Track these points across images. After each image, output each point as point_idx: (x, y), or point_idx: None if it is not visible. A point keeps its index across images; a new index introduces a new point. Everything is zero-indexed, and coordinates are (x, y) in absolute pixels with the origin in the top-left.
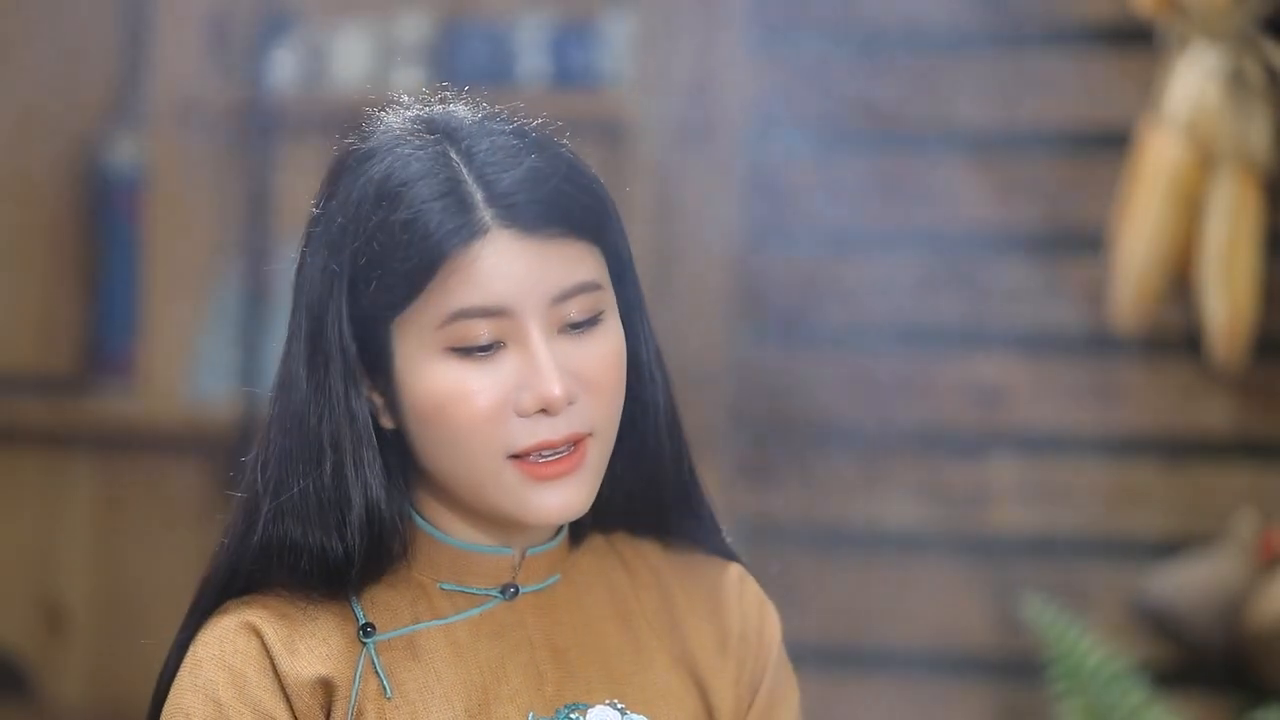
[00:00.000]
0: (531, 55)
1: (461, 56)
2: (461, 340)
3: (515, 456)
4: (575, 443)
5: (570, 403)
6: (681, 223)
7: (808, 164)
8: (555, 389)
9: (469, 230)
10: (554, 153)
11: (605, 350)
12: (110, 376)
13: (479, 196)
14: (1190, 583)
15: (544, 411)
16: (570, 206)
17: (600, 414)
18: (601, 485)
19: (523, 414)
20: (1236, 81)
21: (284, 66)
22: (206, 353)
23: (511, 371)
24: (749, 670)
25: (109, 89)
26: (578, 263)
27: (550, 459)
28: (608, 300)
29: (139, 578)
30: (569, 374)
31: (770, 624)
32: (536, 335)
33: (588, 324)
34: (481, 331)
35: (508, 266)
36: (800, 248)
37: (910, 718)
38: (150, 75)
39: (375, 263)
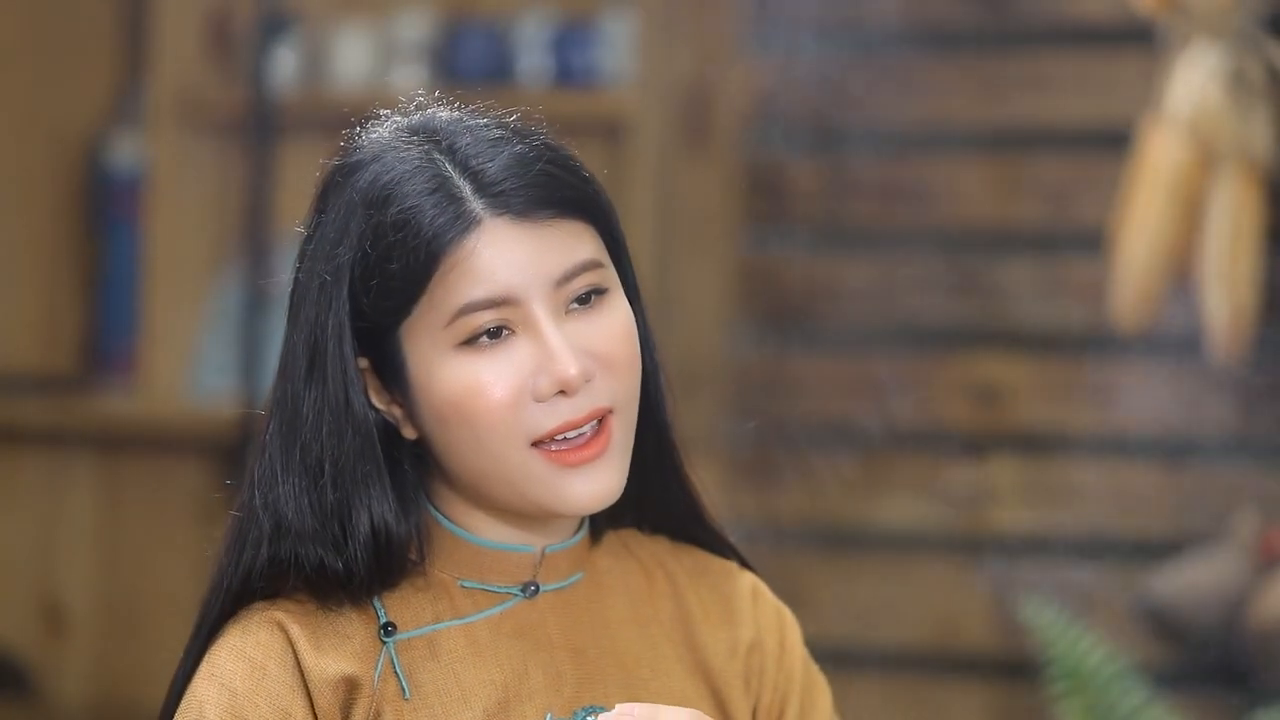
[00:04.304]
0: (532, 54)
1: (462, 56)
2: (470, 334)
3: (539, 444)
4: (599, 420)
5: (587, 380)
6: (681, 223)
7: (807, 164)
8: (570, 369)
9: (462, 223)
10: (535, 139)
11: (615, 324)
12: (111, 376)
13: (467, 189)
14: (1191, 583)
15: (562, 394)
16: (558, 187)
17: (619, 388)
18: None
19: (540, 399)
20: (1238, 81)
21: (284, 66)
22: (206, 353)
23: (525, 358)
24: (772, 680)
25: (109, 89)
26: (575, 242)
27: (576, 443)
28: (610, 277)
29: (139, 577)
30: (583, 352)
31: (790, 631)
32: (544, 319)
33: (594, 301)
34: (489, 323)
35: (506, 255)
36: (800, 248)
37: (910, 718)
38: (150, 75)
39: (372, 270)
